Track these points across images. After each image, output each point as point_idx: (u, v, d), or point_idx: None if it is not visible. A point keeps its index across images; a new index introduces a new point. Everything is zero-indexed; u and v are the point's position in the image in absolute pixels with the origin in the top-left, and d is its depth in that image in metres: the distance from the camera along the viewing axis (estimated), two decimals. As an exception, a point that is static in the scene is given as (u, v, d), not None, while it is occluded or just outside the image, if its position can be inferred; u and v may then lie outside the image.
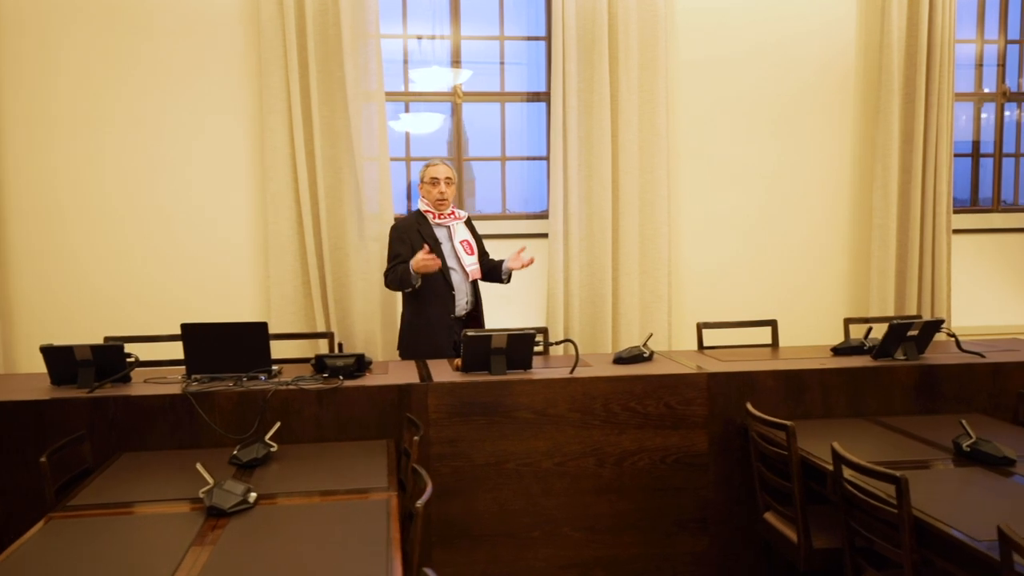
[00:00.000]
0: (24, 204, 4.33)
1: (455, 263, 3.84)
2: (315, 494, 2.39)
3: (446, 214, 3.86)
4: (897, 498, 2.13)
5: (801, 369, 3.27)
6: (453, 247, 3.84)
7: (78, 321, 4.31)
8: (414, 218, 3.88)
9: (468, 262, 3.85)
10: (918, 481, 2.42)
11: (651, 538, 3.21)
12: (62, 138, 4.33)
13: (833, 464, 2.43)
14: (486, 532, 3.14)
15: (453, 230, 3.88)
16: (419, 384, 3.08)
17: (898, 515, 2.14)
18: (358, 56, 4.32)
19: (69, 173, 4.35)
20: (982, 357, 3.43)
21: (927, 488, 2.35)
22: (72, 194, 4.36)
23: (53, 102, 4.31)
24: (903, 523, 2.13)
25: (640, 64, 4.51)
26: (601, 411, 3.16)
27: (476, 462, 3.11)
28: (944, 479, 2.44)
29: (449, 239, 3.86)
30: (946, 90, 4.68)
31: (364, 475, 2.56)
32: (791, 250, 4.83)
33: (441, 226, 3.87)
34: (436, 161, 3.91)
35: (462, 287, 3.85)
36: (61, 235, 4.36)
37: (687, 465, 3.21)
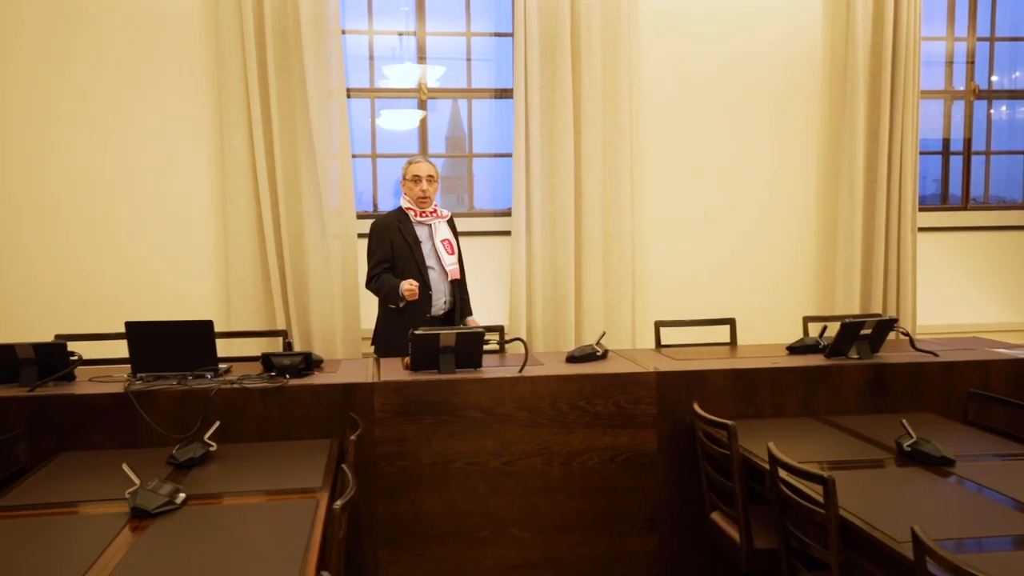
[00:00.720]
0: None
1: (434, 262, 3.83)
2: (246, 494, 2.37)
3: (428, 212, 3.84)
4: (824, 499, 2.12)
5: (751, 368, 3.25)
6: (433, 246, 3.83)
7: (32, 320, 4.28)
8: (395, 216, 3.86)
9: (448, 261, 3.83)
10: (854, 481, 2.41)
11: (600, 538, 3.19)
12: (13, 135, 4.30)
13: (769, 464, 2.41)
14: (434, 532, 3.12)
15: (435, 228, 3.86)
16: (365, 383, 3.06)
17: (825, 515, 2.12)
18: (317, 52, 4.29)
19: (20, 171, 4.31)
20: (935, 356, 3.41)
21: (861, 488, 2.34)
22: (25, 192, 4.33)
23: (2, 98, 4.27)
24: (830, 523, 2.11)
25: (603, 61, 4.49)
26: (549, 410, 3.14)
27: (423, 461, 3.09)
28: (880, 479, 2.43)
29: (430, 237, 3.85)
30: (911, 88, 4.67)
31: (300, 475, 2.54)
32: (756, 248, 4.82)
33: (422, 224, 3.85)
34: (418, 158, 3.89)
35: (440, 286, 3.84)
36: (17, 234, 4.33)
37: (636, 464, 3.19)
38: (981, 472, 2.45)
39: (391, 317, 3.80)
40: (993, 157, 5.46)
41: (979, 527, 2.02)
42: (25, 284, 4.33)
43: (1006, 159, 5.56)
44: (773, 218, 4.83)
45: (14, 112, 4.28)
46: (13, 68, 4.27)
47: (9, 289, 4.33)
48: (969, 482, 2.36)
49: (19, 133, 4.29)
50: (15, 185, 4.31)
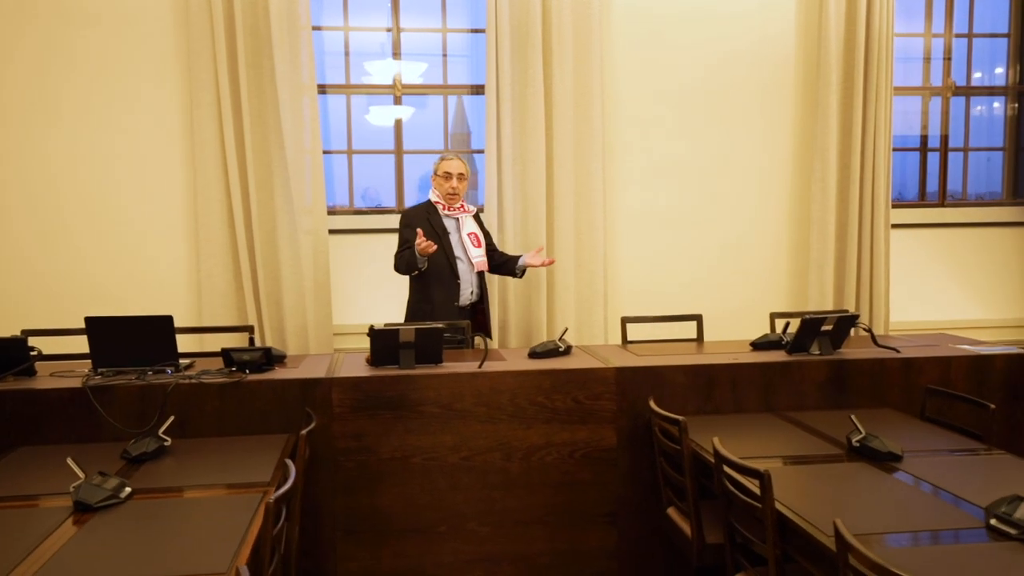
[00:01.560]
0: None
1: (462, 254, 3.91)
2: (193, 488, 2.38)
3: (455, 207, 3.92)
4: (761, 493, 2.13)
5: (711, 364, 3.26)
6: (460, 238, 3.92)
7: (0, 315, 4.29)
8: (424, 208, 3.94)
9: (475, 254, 3.92)
10: (798, 476, 2.42)
11: (559, 533, 3.20)
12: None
13: (714, 460, 2.42)
14: (392, 527, 3.13)
15: (461, 222, 3.96)
16: (322, 379, 3.07)
17: (762, 510, 2.13)
18: (289, 49, 4.29)
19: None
20: (897, 352, 3.42)
21: (805, 484, 2.35)
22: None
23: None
24: (767, 518, 2.12)
25: (575, 57, 4.49)
26: (508, 405, 3.14)
27: (382, 456, 3.10)
28: (825, 475, 2.43)
29: (457, 230, 3.94)
30: (884, 84, 4.67)
31: (250, 470, 2.55)
32: (729, 244, 4.82)
33: (450, 217, 3.94)
34: (450, 155, 3.96)
35: (467, 277, 3.92)
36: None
37: (596, 460, 3.20)
38: (926, 467, 2.46)
39: (418, 305, 3.89)
40: (974, 153, 5.46)
41: (912, 521, 2.03)
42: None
43: (986, 155, 5.55)
44: (746, 214, 4.83)
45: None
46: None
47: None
48: (912, 477, 2.37)
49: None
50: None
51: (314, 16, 4.78)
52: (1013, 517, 1.93)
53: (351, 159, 5.00)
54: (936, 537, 1.95)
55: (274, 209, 4.36)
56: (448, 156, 3.95)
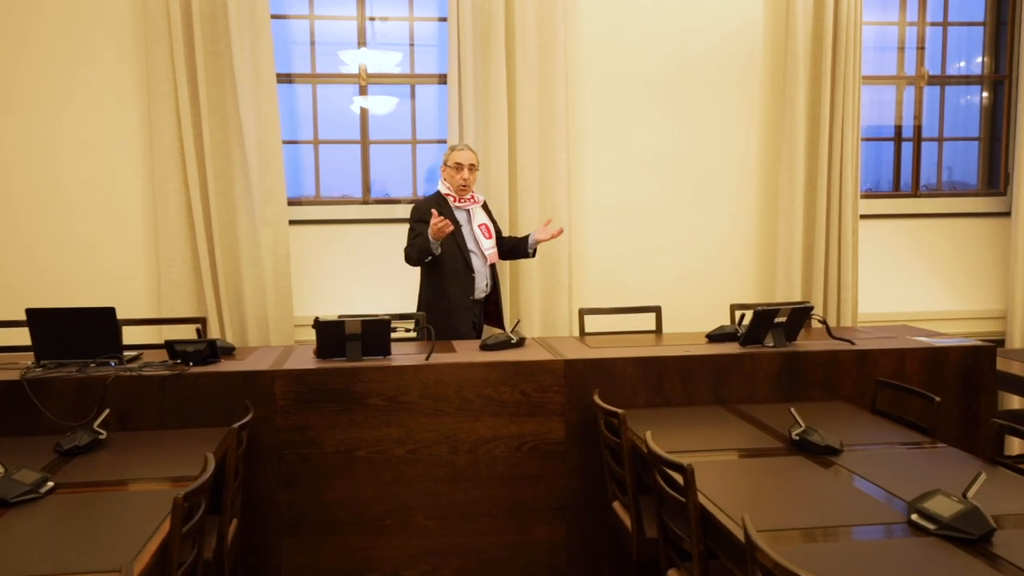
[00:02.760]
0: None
1: (474, 246, 3.89)
2: (119, 483, 2.35)
3: (466, 198, 3.88)
4: (684, 487, 2.09)
5: (661, 356, 3.22)
6: (472, 230, 3.89)
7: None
8: (435, 200, 3.89)
9: (487, 245, 3.90)
10: (731, 471, 2.39)
11: (507, 526, 3.17)
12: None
13: (648, 454, 2.39)
14: (337, 521, 3.10)
15: (472, 214, 3.92)
16: (265, 371, 3.03)
17: (686, 504, 2.10)
18: (250, 37, 4.24)
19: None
20: (851, 344, 3.38)
21: (736, 478, 2.32)
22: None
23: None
24: (690, 512, 2.09)
25: (539, 46, 4.44)
26: (455, 398, 3.11)
27: (326, 450, 3.07)
28: (760, 469, 2.40)
29: (468, 222, 3.91)
30: (852, 73, 4.61)
31: (181, 464, 2.52)
32: (696, 234, 4.78)
33: (461, 209, 3.91)
34: (462, 146, 3.92)
35: (482, 270, 3.90)
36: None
37: (544, 453, 3.17)
38: (863, 461, 2.42)
39: (433, 300, 3.86)
40: (950, 144, 5.40)
41: (834, 517, 1.99)
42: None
43: (963, 146, 5.50)
44: (713, 205, 4.79)
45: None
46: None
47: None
48: (846, 471, 2.34)
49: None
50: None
51: (281, 5, 4.73)
52: (932, 511, 1.90)
53: (317, 149, 4.95)
54: (853, 533, 1.91)
55: (234, 199, 4.32)
56: (458, 147, 3.91)
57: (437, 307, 3.84)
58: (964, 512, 1.85)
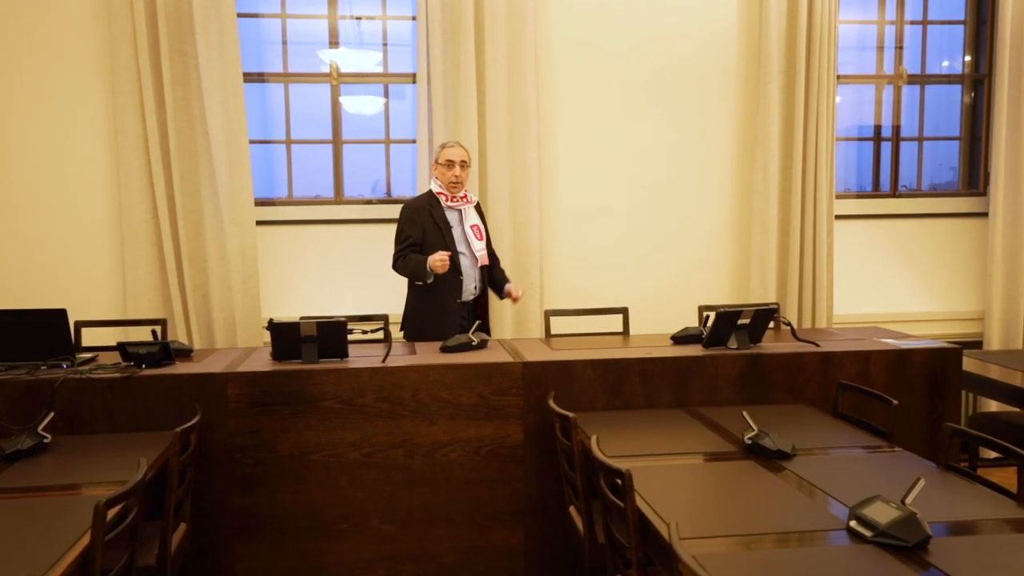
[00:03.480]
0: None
1: (465, 248, 3.82)
2: (55, 489, 2.32)
3: (458, 197, 3.82)
4: (623, 492, 2.05)
5: (620, 359, 3.18)
6: (464, 232, 3.82)
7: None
8: (426, 199, 3.83)
9: (477, 247, 3.83)
10: (678, 476, 2.34)
11: (464, 531, 3.13)
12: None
13: (591, 458, 2.35)
14: (292, 525, 3.06)
15: (464, 214, 3.85)
16: (217, 374, 2.99)
17: (623, 509, 2.06)
18: (216, 36, 4.20)
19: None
20: (816, 346, 3.34)
21: (681, 483, 2.28)
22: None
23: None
24: (628, 518, 2.05)
25: (508, 44, 4.39)
26: (411, 401, 3.07)
27: (280, 453, 3.03)
28: (708, 474, 2.36)
29: (460, 223, 3.83)
30: (827, 73, 4.57)
31: (124, 469, 2.47)
32: (670, 235, 4.73)
33: (453, 209, 3.83)
34: (452, 143, 3.87)
35: (471, 272, 3.82)
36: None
37: (502, 457, 3.13)
38: (814, 466, 2.38)
39: (420, 302, 3.79)
40: (934, 144, 5.36)
41: (774, 523, 1.95)
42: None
43: (944, 146, 5.45)
44: (687, 206, 4.74)
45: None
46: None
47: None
48: (795, 476, 2.30)
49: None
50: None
51: (252, 3, 4.69)
52: (869, 518, 1.86)
53: (290, 149, 4.91)
54: (789, 540, 1.87)
55: (200, 200, 4.28)
56: (449, 143, 3.86)
57: (424, 309, 3.78)
58: (901, 519, 1.81)
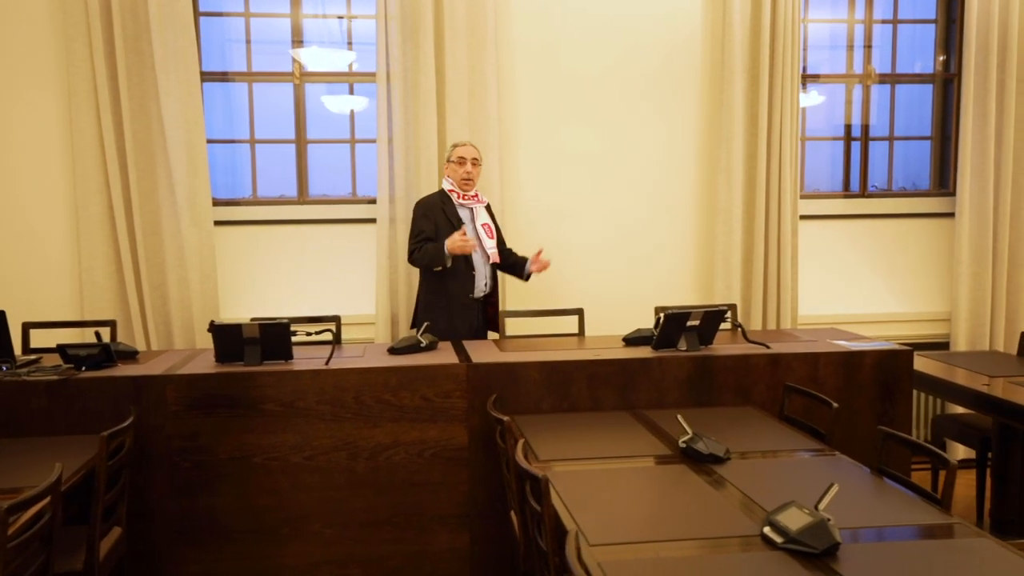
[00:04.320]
0: None
1: (476, 245, 3.86)
2: (-27, 493, 2.28)
3: (470, 195, 3.88)
4: (540, 497, 2.02)
5: (566, 361, 3.15)
6: (475, 229, 3.88)
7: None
8: (438, 197, 3.89)
9: (489, 245, 3.90)
10: (604, 479, 2.31)
11: (408, 535, 3.10)
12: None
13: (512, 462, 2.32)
14: (233, 528, 3.03)
15: (476, 212, 3.92)
16: (156, 376, 2.96)
17: (540, 514, 2.03)
18: (170, 34, 4.17)
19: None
20: (766, 348, 3.31)
21: (608, 487, 2.25)
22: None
23: None
24: (544, 524, 2.02)
25: (468, 44, 4.36)
26: (353, 403, 3.04)
27: (220, 456, 3.00)
28: (637, 478, 2.33)
29: (471, 221, 3.90)
30: (791, 72, 4.54)
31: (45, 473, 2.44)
32: (633, 235, 4.69)
33: (464, 207, 3.90)
34: (464, 141, 3.94)
35: (482, 268, 3.88)
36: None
37: (446, 460, 3.10)
38: (745, 470, 2.36)
39: (433, 299, 3.84)
40: (906, 145, 5.32)
41: (692, 529, 1.92)
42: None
43: (917, 146, 5.42)
44: (651, 206, 4.70)
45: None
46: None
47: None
48: (724, 480, 2.27)
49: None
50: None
51: (216, 2, 4.65)
52: (782, 524, 1.83)
53: (254, 148, 4.88)
54: (701, 546, 1.84)
55: (158, 200, 4.25)
56: (461, 142, 3.93)
57: (436, 305, 3.82)
58: (810, 526, 1.78)
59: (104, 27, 4.09)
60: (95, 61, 4.09)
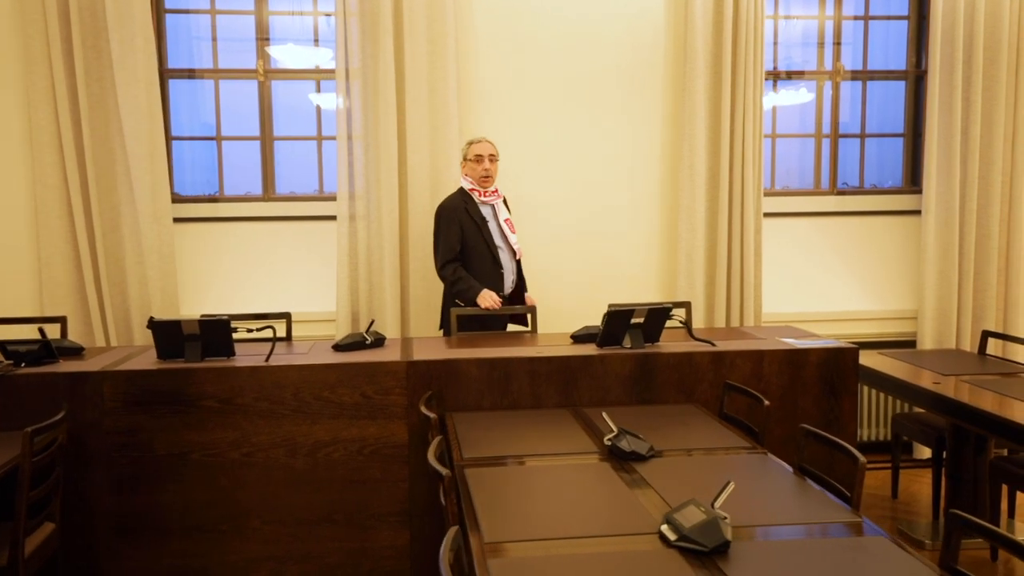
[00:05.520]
0: None
1: (501, 241, 3.91)
2: None
3: (490, 192, 3.89)
4: (445, 496, 2.02)
5: (508, 357, 3.14)
6: (499, 225, 3.90)
7: None
8: (459, 198, 3.90)
9: (514, 240, 3.94)
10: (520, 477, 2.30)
11: (348, 532, 3.10)
12: None
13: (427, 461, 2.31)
14: (172, 525, 3.03)
15: (497, 208, 3.95)
16: (94, 373, 2.96)
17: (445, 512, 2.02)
18: (129, 31, 4.17)
19: None
20: (712, 345, 3.30)
21: (524, 485, 2.24)
22: None
23: None
24: (447, 522, 2.01)
25: (428, 40, 4.35)
26: (291, 400, 3.04)
27: (158, 453, 3.00)
28: (552, 475, 2.31)
29: (494, 217, 3.93)
30: (754, 68, 4.51)
31: (-28, 468, 2.45)
32: (596, 233, 4.68)
33: (486, 204, 3.92)
34: (480, 138, 3.94)
35: (509, 265, 3.93)
36: None
37: (387, 457, 3.09)
38: (666, 468, 2.34)
39: (462, 298, 3.85)
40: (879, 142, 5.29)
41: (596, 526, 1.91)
42: None
43: (892, 143, 5.39)
44: (613, 203, 4.69)
45: None
46: None
47: None
48: (642, 479, 2.25)
49: None
50: None
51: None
52: (678, 522, 1.82)
53: (220, 145, 4.88)
54: (600, 544, 1.83)
55: (117, 197, 4.25)
56: (477, 139, 3.93)
57: (464, 304, 3.83)
58: (702, 524, 1.77)
59: (62, 25, 4.10)
60: (53, 59, 4.10)
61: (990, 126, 4.67)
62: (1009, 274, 4.76)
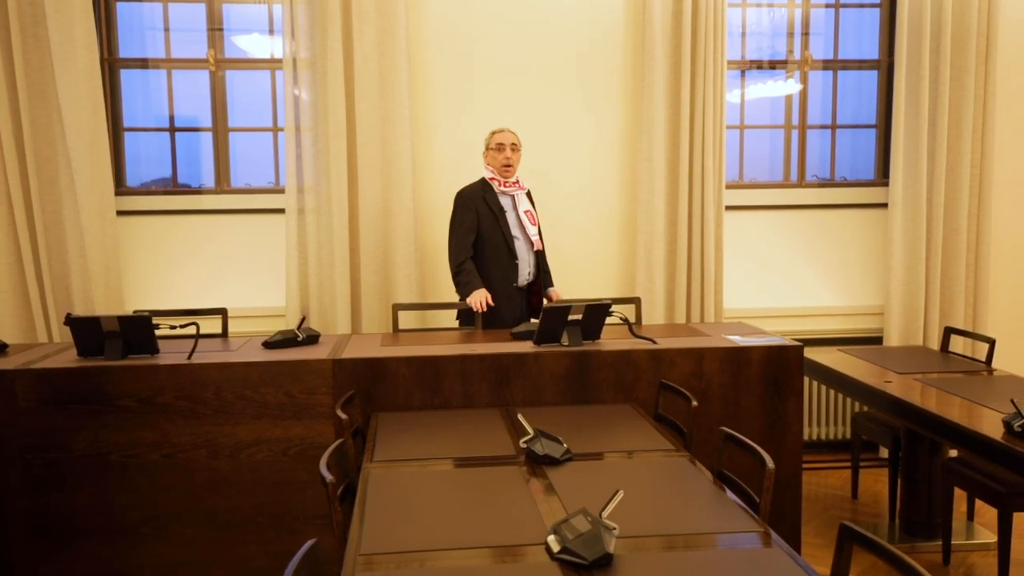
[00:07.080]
0: None
1: (519, 232, 3.86)
2: None
3: (511, 182, 3.85)
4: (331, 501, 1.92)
5: (437, 355, 3.04)
6: (518, 216, 3.86)
7: None
8: (479, 186, 3.87)
9: (532, 231, 3.89)
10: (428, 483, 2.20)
11: (273, 535, 3.01)
12: None
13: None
14: (89, 528, 2.94)
15: (517, 199, 3.90)
16: (6, 371, 2.87)
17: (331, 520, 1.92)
18: (69, 20, 4.07)
19: None
20: (653, 343, 3.19)
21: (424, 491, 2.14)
22: None
23: None
24: (334, 529, 1.91)
25: (378, 28, 4.24)
26: (213, 399, 2.95)
27: (75, 453, 2.91)
28: (459, 480, 2.22)
29: (513, 208, 3.88)
30: (715, 58, 4.39)
31: None
32: (553, 227, 4.55)
33: (506, 194, 3.88)
34: (502, 127, 3.92)
35: (525, 257, 3.86)
36: None
37: (312, 458, 3.00)
38: (575, 472, 2.24)
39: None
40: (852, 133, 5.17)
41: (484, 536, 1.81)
42: None
43: (866, 135, 5.27)
44: (571, 196, 4.58)
45: None
46: None
47: None
48: (549, 484, 2.15)
49: None
50: None
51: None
52: (564, 532, 1.72)
53: (174, 136, 4.78)
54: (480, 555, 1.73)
55: (59, 189, 4.16)
56: (499, 128, 3.90)
57: None
58: (586, 535, 1.67)
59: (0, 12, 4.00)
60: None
61: (959, 117, 4.55)
62: (978, 269, 4.64)
